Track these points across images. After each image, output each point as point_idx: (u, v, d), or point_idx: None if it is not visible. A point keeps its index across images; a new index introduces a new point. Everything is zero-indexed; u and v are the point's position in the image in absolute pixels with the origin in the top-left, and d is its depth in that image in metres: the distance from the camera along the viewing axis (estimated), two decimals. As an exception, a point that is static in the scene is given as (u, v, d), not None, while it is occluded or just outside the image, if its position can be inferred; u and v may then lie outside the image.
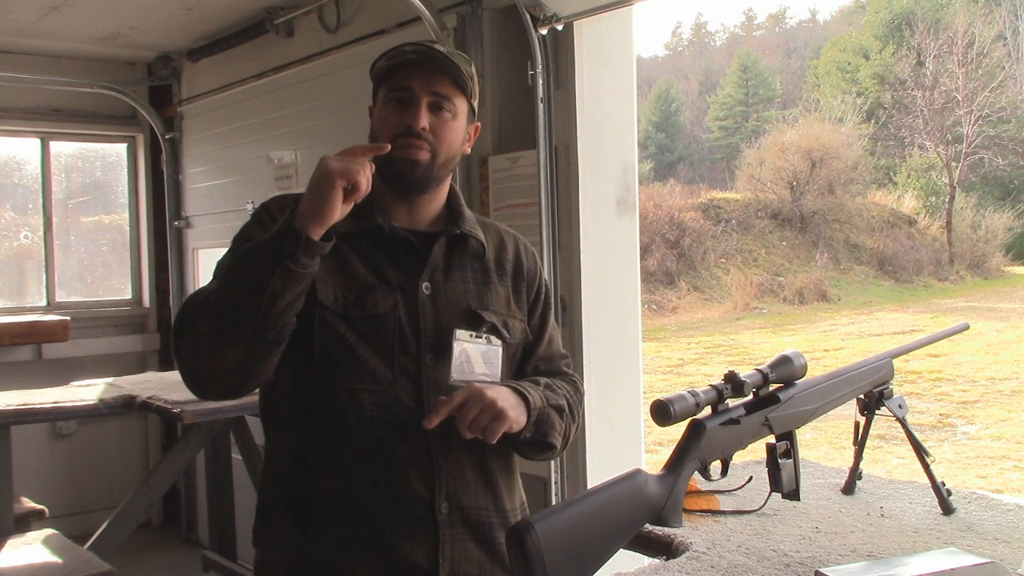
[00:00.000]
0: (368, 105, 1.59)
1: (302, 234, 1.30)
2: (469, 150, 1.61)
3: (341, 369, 1.43)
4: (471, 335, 1.47)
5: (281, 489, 1.50)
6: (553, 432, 1.51)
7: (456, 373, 1.44)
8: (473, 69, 1.55)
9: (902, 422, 2.05)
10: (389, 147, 1.38)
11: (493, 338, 1.50)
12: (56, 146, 5.08)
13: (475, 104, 1.57)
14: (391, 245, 1.50)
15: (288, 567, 1.48)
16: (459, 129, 1.52)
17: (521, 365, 1.59)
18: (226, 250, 1.50)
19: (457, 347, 1.44)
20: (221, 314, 1.33)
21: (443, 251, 1.53)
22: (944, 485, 2.04)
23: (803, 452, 1.88)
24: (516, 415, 1.42)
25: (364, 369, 1.43)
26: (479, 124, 1.62)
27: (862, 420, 2.10)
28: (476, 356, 1.47)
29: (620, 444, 2.86)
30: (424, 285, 1.48)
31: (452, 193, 1.60)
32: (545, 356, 1.62)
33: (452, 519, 1.45)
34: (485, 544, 1.48)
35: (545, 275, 1.70)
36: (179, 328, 1.39)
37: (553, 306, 1.70)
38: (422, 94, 1.48)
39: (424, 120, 1.47)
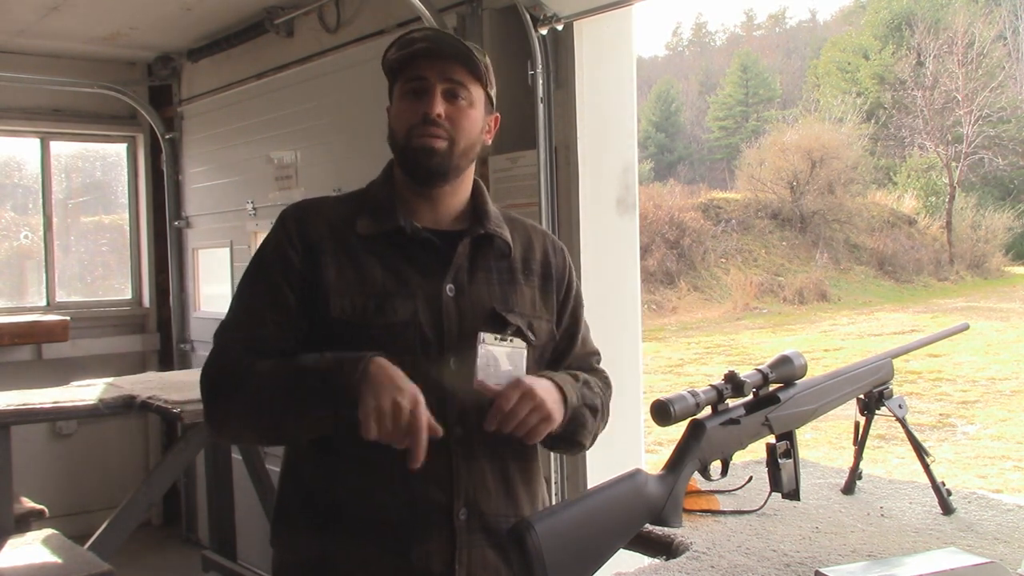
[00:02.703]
0: (386, 106, 1.56)
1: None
2: (489, 141, 1.57)
3: None
4: (496, 338, 1.43)
5: (300, 490, 1.49)
6: (583, 431, 1.51)
7: (481, 376, 1.41)
8: (488, 59, 1.52)
9: (902, 422, 2.05)
10: (440, 431, 1.34)
11: (518, 340, 1.46)
12: (56, 146, 5.08)
13: (492, 94, 1.54)
14: (413, 247, 1.48)
15: (305, 568, 1.47)
16: (476, 117, 1.50)
17: (554, 365, 1.57)
18: (247, 269, 1.51)
19: (482, 350, 1.41)
20: (279, 431, 1.44)
21: (467, 252, 1.50)
22: (944, 485, 2.04)
23: (803, 452, 1.88)
24: (559, 416, 1.42)
25: None
26: (498, 115, 1.58)
27: (862, 420, 2.10)
28: (501, 359, 1.43)
29: (620, 444, 2.86)
30: (448, 287, 1.46)
31: (477, 189, 1.57)
32: (580, 355, 1.61)
33: (470, 525, 1.43)
34: (503, 551, 1.45)
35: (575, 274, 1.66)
36: (218, 403, 1.44)
37: (583, 303, 1.66)
38: (436, 82, 1.45)
39: (439, 107, 1.44)
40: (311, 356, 1.38)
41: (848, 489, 2.20)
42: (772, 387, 1.58)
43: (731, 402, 1.53)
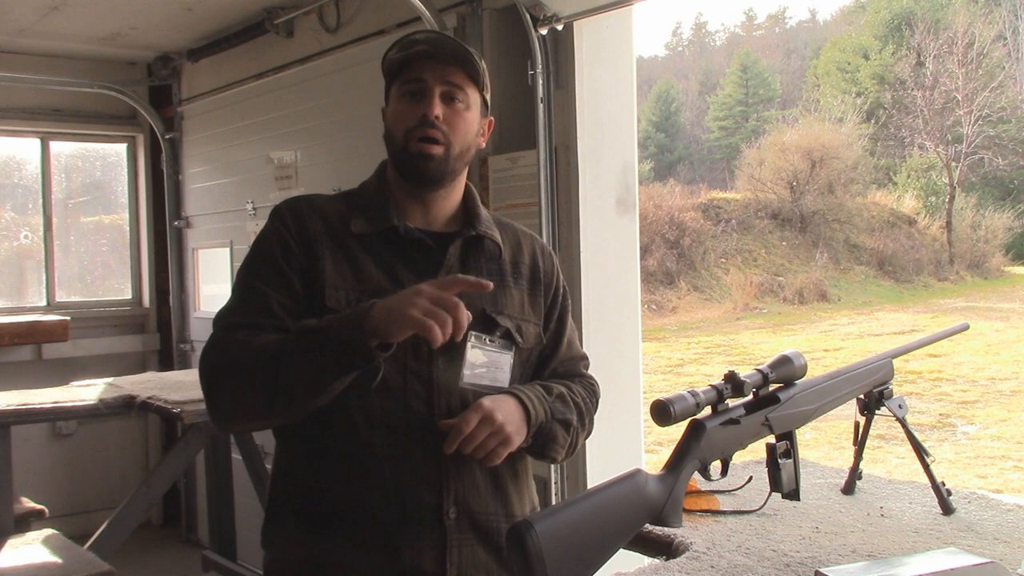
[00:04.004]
0: (381, 107, 1.56)
1: (375, 354, 1.29)
2: (484, 144, 1.59)
3: None
4: (484, 339, 1.45)
5: (290, 490, 1.49)
6: (554, 446, 1.51)
7: (467, 377, 1.42)
8: (484, 64, 1.53)
9: (902, 422, 2.05)
10: (491, 285, 1.33)
11: (505, 343, 1.48)
12: (56, 146, 5.08)
13: (487, 97, 1.55)
14: (406, 246, 1.49)
15: (296, 568, 1.47)
16: (472, 121, 1.51)
17: (539, 369, 1.58)
18: (244, 260, 1.50)
19: (469, 351, 1.42)
20: (271, 395, 1.34)
21: (458, 252, 1.51)
22: (944, 485, 2.04)
23: (803, 452, 1.88)
24: (520, 438, 1.42)
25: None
26: (492, 119, 1.60)
27: (862, 420, 2.10)
28: (488, 360, 1.44)
29: (620, 444, 2.86)
30: None
31: (468, 192, 1.59)
32: (565, 358, 1.61)
33: (460, 524, 1.44)
34: (494, 549, 1.46)
35: (563, 278, 1.67)
36: (215, 381, 1.40)
37: (571, 308, 1.67)
38: (435, 84, 1.47)
39: (437, 109, 1.46)
40: (310, 322, 1.36)
41: (848, 489, 2.19)
42: (772, 387, 1.58)
43: (731, 402, 1.53)
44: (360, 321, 1.29)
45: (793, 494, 1.56)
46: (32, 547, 2.70)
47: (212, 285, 4.84)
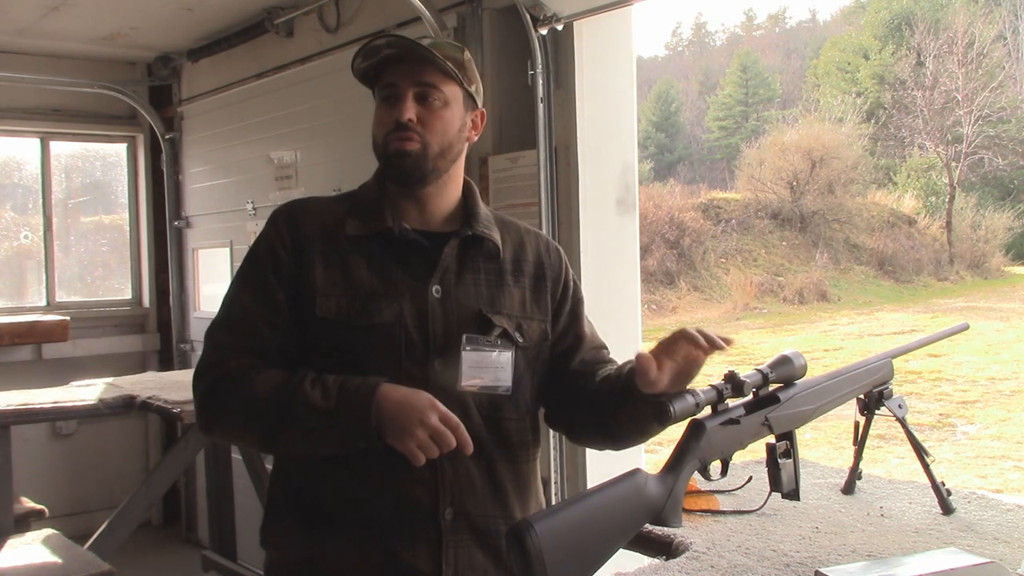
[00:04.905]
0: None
1: (379, 443, 1.35)
2: (476, 137, 1.58)
3: None
4: (480, 340, 1.44)
5: (288, 491, 1.50)
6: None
7: (465, 379, 1.42)
8: (466, 55, 1.52)
9: (902, 422, 2.05)
10: (471, 449, 1.38)
11: (504, 342, 1.47)
12: (56, 146, 5.08)
13: (473, 90, 1.54)
14: (401, 248, 1.48)
15: (295, 568, 1.47)
16: (452, 117, 1.50)
17: (566, 360, 1.57)
18: (240, 267, 1.52)
19: (466, 352, 1.42)
20: (266, 446, 1.47)
21: (455, 253, 1.50)
22: (944, 485, 2.04)
23: (803, 452, 1.88)
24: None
25: None
26: (484, 111, 1.58)
27: (862, 420, 2.11)
28: (486, 361, 1.44)
29: (620, 444, 2.86)
30: (434, 288, 1.46)
31: (468, 190, 1.58)
32: (590, 347, 1.60)
33: (457, 525, 1.44)
34: (491, 551, 1.46)
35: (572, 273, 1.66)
36: (211, 414, 1.46)
37: (583, 300, 1.66)
38: (407, 87, 1.47)
39: (410, 112, 1.46)
40: (314, 386, 1.38)
41: (848, 489, 2.20)
42: (772, 387, 1.57)
43: (731, 402, 1.53)
44: (367, 414, 1.34)
45: (793, 494, 1.56)
46: (32, 547, 2.70)
47: (212, 285, 4.84)
